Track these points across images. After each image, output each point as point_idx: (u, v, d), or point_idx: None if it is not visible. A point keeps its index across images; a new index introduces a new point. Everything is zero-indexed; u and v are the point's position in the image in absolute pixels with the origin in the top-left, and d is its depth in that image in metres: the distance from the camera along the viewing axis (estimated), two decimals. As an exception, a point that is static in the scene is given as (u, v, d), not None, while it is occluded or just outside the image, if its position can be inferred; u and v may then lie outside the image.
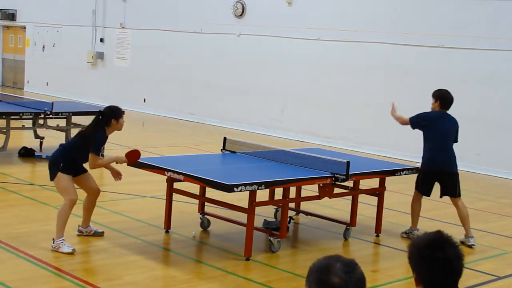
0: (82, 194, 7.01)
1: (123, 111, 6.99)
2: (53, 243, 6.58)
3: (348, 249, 7.52)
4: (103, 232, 7.21)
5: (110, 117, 6.80)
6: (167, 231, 7.49)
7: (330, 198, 7.42)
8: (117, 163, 6.95)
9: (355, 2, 15.06)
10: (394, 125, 8.60)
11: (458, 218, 7.95)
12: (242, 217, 7.09)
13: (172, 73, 18.99)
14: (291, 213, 8.03)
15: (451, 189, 7.91)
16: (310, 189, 8.10)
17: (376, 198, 8.06)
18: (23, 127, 12.38)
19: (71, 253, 6.52)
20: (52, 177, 6.72)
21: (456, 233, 7.52)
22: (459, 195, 7.95)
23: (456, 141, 8.03)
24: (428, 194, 8.00)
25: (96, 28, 21.26)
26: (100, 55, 21.13)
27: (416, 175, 8.15)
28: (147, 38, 19.61)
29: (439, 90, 8.05)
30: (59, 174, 6.65)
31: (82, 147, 6.72)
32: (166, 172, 6.88)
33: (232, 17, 17.41)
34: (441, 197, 8.02)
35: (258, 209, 6.95)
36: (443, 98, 7.93)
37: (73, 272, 6.12)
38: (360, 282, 2.36)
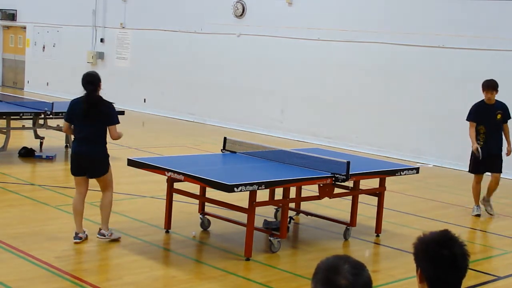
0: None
1: None
2: (103, 231, 6.92)
3: (348, 249, 7.51)
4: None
5: (98, 81, 6.94)
6: (167, 231, 7.49)
7: (330, 198, 7.41)
8: None
9: (356, 2, 15.05)
10: (394, 125, 8.62)
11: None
12: (242, 217, 7.08)
13: (172, 73, 18.97)
14: (291, 213, 8.02)
15: None
16: (310, 189, 8.10)
17: (376, 198, 8.05)
18: (23, 127, 12.38)
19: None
20: (105, 171, 6.96)
21: (457, 233, 7.51)
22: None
23: None
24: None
25: (96, 28, 21.25)
26: (100, 55, 21.12)
27: (416, 174, 8.32)
28: (147, 38, 19.60)
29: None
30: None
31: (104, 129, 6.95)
32: (166, 172, 6.88)
33: (232, 17, 17.39)
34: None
35: (258, 209, 6.95)
36: None
37: (73, 272, 6.12)
38: (366, 286, 2.36)
